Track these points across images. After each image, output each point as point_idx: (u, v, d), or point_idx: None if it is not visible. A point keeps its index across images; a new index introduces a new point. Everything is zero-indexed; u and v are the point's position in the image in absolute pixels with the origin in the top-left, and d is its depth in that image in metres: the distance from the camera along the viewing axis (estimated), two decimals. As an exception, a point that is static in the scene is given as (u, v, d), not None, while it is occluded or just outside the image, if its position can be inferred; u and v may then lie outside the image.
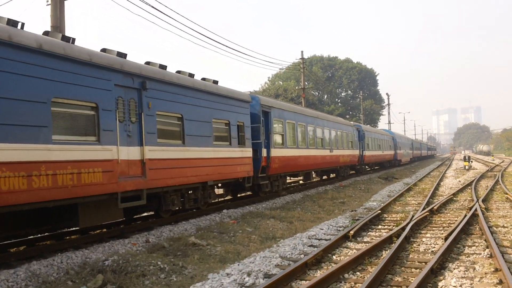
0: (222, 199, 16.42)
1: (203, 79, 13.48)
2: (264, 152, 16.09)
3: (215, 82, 13.82)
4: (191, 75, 12.54)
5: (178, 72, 12.29)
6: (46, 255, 8.40)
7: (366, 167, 37.33)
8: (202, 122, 12.54)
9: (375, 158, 38.04)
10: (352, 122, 33.97)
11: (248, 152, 15.17)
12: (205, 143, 12.65)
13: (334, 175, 28.44)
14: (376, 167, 42.60)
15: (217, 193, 14.92)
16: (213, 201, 14.48)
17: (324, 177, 27.99)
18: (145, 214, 12.88)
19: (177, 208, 12.18)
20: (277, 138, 17.57)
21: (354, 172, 32.88)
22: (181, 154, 11.54)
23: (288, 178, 21.19)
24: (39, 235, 10.01)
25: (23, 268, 7.31)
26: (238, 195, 17.90)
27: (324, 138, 24.04)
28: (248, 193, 17.99)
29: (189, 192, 12.58)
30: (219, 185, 14.94)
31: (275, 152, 16.95)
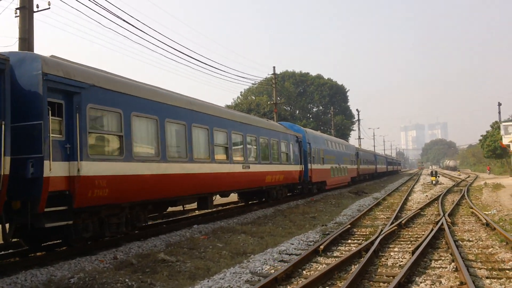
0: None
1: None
2: None
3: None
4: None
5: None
6: (10, 272, 8.14)
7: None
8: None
9: (201, 182, 13.91)
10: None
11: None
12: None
13: None
14: (219, 208, 20.22)
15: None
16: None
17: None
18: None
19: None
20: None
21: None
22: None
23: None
24: (2, 252, 9.68)
25: (-16, 286, 7.06)
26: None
27: None
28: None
29: None
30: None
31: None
